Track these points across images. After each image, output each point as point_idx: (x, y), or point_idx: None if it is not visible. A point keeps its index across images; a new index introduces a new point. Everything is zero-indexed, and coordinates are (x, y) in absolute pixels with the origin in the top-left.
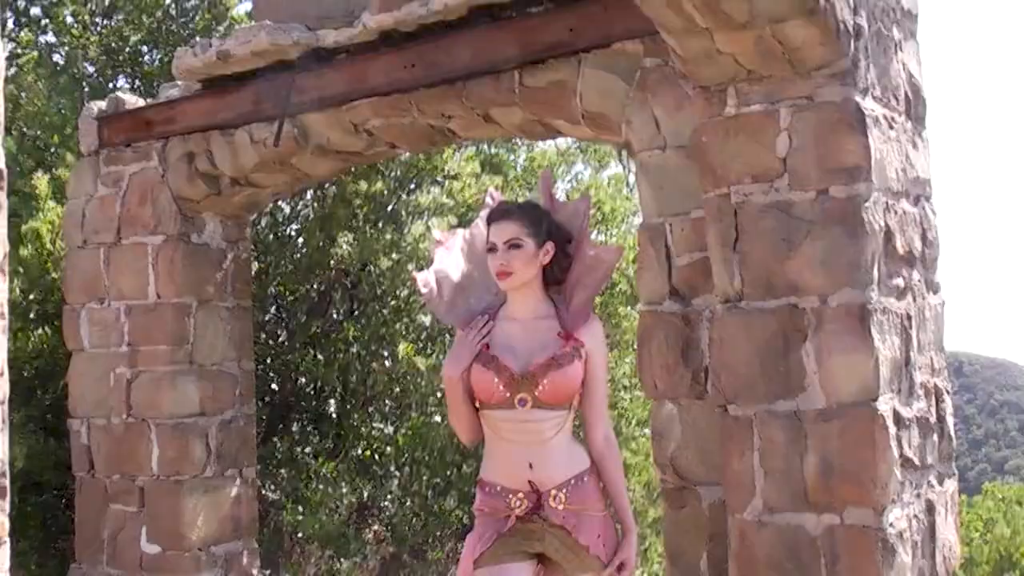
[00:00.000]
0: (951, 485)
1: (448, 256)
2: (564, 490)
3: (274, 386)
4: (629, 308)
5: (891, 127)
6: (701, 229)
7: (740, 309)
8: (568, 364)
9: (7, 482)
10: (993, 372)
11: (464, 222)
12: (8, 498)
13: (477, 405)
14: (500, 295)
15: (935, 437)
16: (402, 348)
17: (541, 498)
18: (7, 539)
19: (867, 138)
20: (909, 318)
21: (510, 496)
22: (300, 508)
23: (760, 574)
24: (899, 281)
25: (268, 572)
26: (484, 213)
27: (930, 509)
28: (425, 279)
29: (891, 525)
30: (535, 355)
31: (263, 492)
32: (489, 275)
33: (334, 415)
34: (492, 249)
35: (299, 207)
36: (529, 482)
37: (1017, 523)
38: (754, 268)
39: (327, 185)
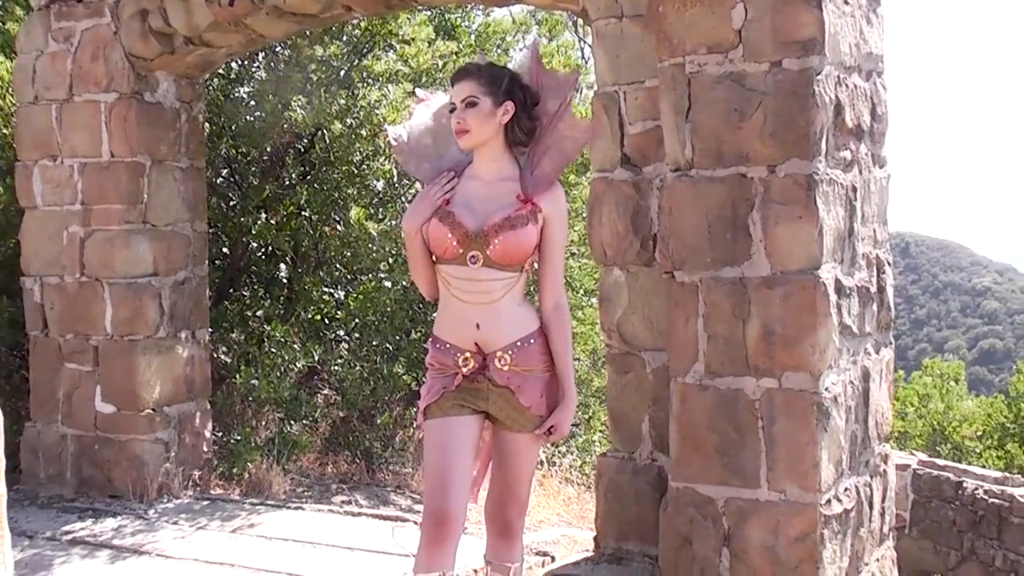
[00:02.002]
0: (887, 354)
1: (426, 113)
2: (509, 352)
3: (225, 249)
4: (578, 176)
5: (846, 2)
6: (655, 98)
7: (690, 178)
8: (521, 227)
9: None
10: (938, 254)
11: (419, 88)
12: None
13: (434, 259)
14: (470, 154)
15: (874, 306)
16: (354, 213)
17: (487, 359)
18: None
19: (822, 12)
20: (854, 190)
21: (458, 354)
22: (252, 371)
23: (700, 435)
24: (846, 154)
25: (220, 433)
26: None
27: (865, 376)
28: (396, 132)
29: (827, 390)
30: (492, 215)
31: (215, 355)
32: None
33: (285, 279)
34: (453, 109)
35: (252, 68)
36: (475, 343)
37: (951, 399)
38: (705, 137)
39: (280, 48)
